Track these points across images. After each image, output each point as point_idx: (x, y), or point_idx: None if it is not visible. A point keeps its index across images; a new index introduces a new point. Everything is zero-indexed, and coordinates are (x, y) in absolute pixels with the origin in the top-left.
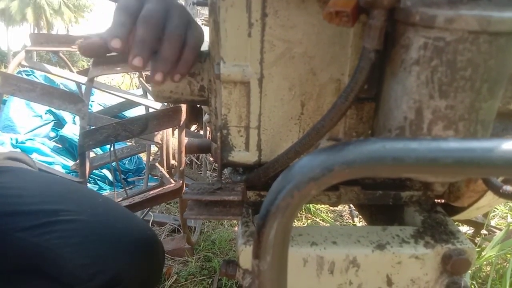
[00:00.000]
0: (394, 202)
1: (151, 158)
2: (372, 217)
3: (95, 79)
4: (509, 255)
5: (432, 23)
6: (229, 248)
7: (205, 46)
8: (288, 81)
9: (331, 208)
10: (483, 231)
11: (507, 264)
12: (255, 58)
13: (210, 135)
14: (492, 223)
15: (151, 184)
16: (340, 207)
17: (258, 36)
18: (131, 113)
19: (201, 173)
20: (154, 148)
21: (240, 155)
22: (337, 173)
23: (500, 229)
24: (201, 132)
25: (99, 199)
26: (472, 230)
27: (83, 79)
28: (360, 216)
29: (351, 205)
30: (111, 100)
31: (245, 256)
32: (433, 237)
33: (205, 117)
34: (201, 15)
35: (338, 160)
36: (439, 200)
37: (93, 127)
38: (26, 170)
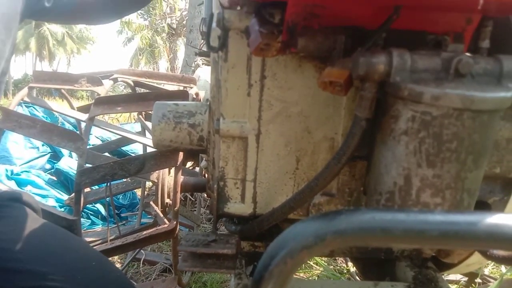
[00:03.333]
0: (386, 257)
1: (146, 193)
2: (365, 268)
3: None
4: None
5: (420, 99)
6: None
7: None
8: (284, 138)
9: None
10: (477, 280)
11: None
12: (254, 116)
13: (206, 179)
14: (486, 271)
15: (144, 220)
16: None
17: (257, 95)
18: (130, 147)
19: (195, 210)
20: (148, 183)
21: (235, 207)
22: (329, 242)
23: (494, 278)
24: (197, 169)
25: (93, 262)
26: (466, 279)
27: (83, 116)
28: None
29: None
30: (110, 134)
31: None
32: None
33: (203, 163)
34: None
35: (330, 229)
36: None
37: (91, 166)
38: (24, 217)
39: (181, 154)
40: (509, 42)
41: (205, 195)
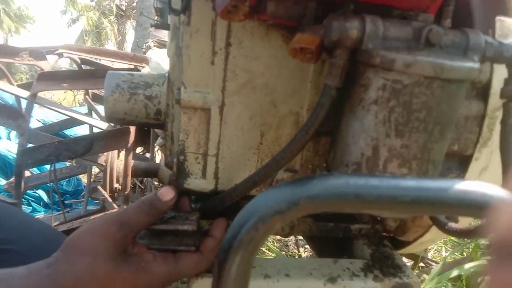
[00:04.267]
0: (344, 235)
1: (92, 179)
2: (321, 248)
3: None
4: None
5: (391, 66)
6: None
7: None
8: (249, 111)
9: (277, 237)
10: (421, 264)
11: None
12: (217, 86)
13: (164, 160)
14: (428, 255)
15: (90, 208)
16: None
17: (222, 64)
18: (73, 132)
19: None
20: (95, 170)
21: (196, 183)
22: (302, 207)
23: (436, 262)
24: (147, 155)
25: (37, 225)
26: (411, 262)
27: (24, 93)
28: (306, 247)
29: (298, 235)
30: (52, 117)
31: None
32: (381, 270)
33: (158, 141)
34: (154, 37)
35: (304, 194)
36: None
37: (33, 145)
38: None
39: (132, 135)
40: (467, 22)
41: (156, 182)
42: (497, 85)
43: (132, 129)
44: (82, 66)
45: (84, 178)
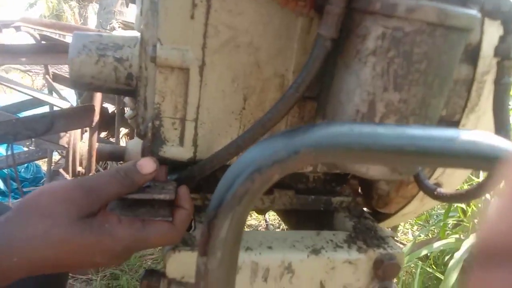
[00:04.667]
0: (325, 208)
1: (52, 164)
2: (299, 224)
3: None
4: (414, 269)
5: (393, 11)
6: (139, 265)
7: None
8: (231, 72)
9: (247, 223)
10: None
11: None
12: (197, 43)
13: (136, 131)
14: (396, 238)
15: None
16: (255, 222)
17: (202, 19)
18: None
19: None
20: (55, 156)
21: (172, 151)
22: (303, 156)
23: (403, 244)
24: (113, 140)
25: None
26: None
27: None
28: (277, 231)
29: (267, 220)
30: (7, 99)
31: (173, 264)
32: (365, 242)
33: (128, 113)
34: (118, 19)
35: (305, 142)
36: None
37: None
38: None
39: (97, 113)
40: None
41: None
42: (487, 48)
43: (97, 107)
44: (42, 42)
45: (44, 165)
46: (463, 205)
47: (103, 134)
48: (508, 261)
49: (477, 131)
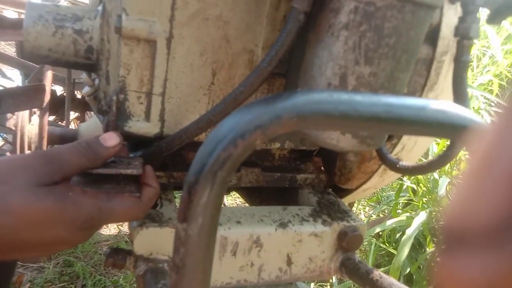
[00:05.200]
0: (290, 185)
1: None
2: (264, 203)
3: None
4: (367, 247)
5: None
6: (94, 251)
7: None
8: (200, 45)
9: None
10: None
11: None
12: (165, 15)
13: (96, 107)
14: None
15: None
16: None
17: None
18: None
19: None
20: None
21: (138, 126)
22: (285, 122)
23: None
24: (62, 125)
25: None
26: None
27: None
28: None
29: (225, 203)
30: None
31: (141, 240)
32: (329, 215)
33: (85, 90)
34: None
35: (288, 107)
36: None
37: None
38: None
39: (47, 93)
40: None
41: None
42: (446, 29)
43: (48, 86)
44: None
45: None
46: (413, 185)
47: (51, 118)
48: (476, 244)
49: (447, 101)
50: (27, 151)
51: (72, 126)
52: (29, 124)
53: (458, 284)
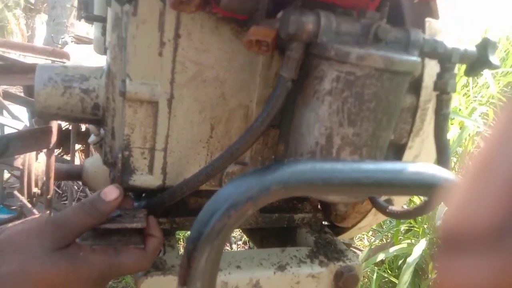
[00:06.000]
0: (288, 225)
1: (3, 184)
2: (263, 241)
3: None
4: (370, 274)
5: (346, 59)
6: None
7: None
8: (198, 104)
9: None
10: None
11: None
12: (166, 78)
13: (103, 157)
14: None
15: (2, 216)
16: None
17: (170, 56)
18: None
19: (64, 203)
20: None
21: (142, 179)
22: (273, 192)
23: (360, 249)
24: (67, 158)
25: None
26: None
27: None
28: (239, 243)
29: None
30: None
31: None
32: (326, 256)
33: (91, 138)
34: (70, 33)
35: (275, 180)
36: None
37: None
38: None
39: (54, 135)
40: (399, 22)
41: (76, 187)
42: (428, 79)
43: (54, 128)
44: None
45: None
46: None
47: (56, 151)
48: (475, 247)
49: (420, 163)
50: (34, 189)
51: (77, 156)
52: (36, 162)
53: (458, 287)
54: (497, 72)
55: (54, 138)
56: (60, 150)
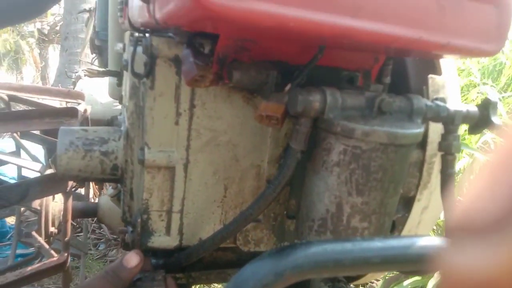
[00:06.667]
0: None
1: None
2: None
3: None
4: None
5: (351, 134)
6: None
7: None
8: (212, 166)
9: None
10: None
11: None
12: (182, 145)
13: (121, 215)
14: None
15: (20, 252)
16: None
17: (186, 124)
18: (3, 172)
19: (79, 236)
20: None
21: (160, 240)
22: (288, 277)
23: (377, 280)
24: (80, 191)
25: None
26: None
27: None
28: None
29: None
30: None
31: None
32: None
33: (109, 191)
34: (82, 64)
35: (289, 265)
36: None
37: None
38: None
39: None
40: (403, 79)
41: (92, 222)
42: (433, 135)
43: None
44: (11, 104)
45: (9, 218)
46: None
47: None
48: (481, 237)
49: (426, 237)
50: (51, 228)
51: (91, 188)
52: (52, 201)
53: (462, 274)
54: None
55: (71, 182)
56: (75, 184)
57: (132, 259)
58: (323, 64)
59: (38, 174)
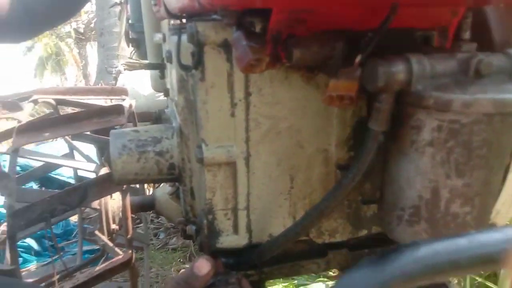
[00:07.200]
0: None
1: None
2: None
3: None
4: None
5: (448, 107)
6: None
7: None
8: (275, 157)
9: None
10: None
11: None
12: (240, 138)
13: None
14: None
15: (86, 248)
16: None
17: (243, 115)
18: (58, 171)
19: (138, 229)
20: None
21: (229, 240)
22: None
23: None
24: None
25: None
26: None
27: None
28: None
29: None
30: (32, 161)
31: None
32: None
33: (167, 189)
34: (121, 58)
35: (396, 273)
36: None
37: (24, 205)
38: None
39: None
40: (484, 32)
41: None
42: None
43: None
44: (58, 107)
45: (72, 218)
46: None
47: None
48: None
49: None
50: (112, 225)
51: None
52: (110, 200)
53: None
54: None
55: None
56: None
57: (203, 266)
58: (394, 26)
59: (94, 174)
